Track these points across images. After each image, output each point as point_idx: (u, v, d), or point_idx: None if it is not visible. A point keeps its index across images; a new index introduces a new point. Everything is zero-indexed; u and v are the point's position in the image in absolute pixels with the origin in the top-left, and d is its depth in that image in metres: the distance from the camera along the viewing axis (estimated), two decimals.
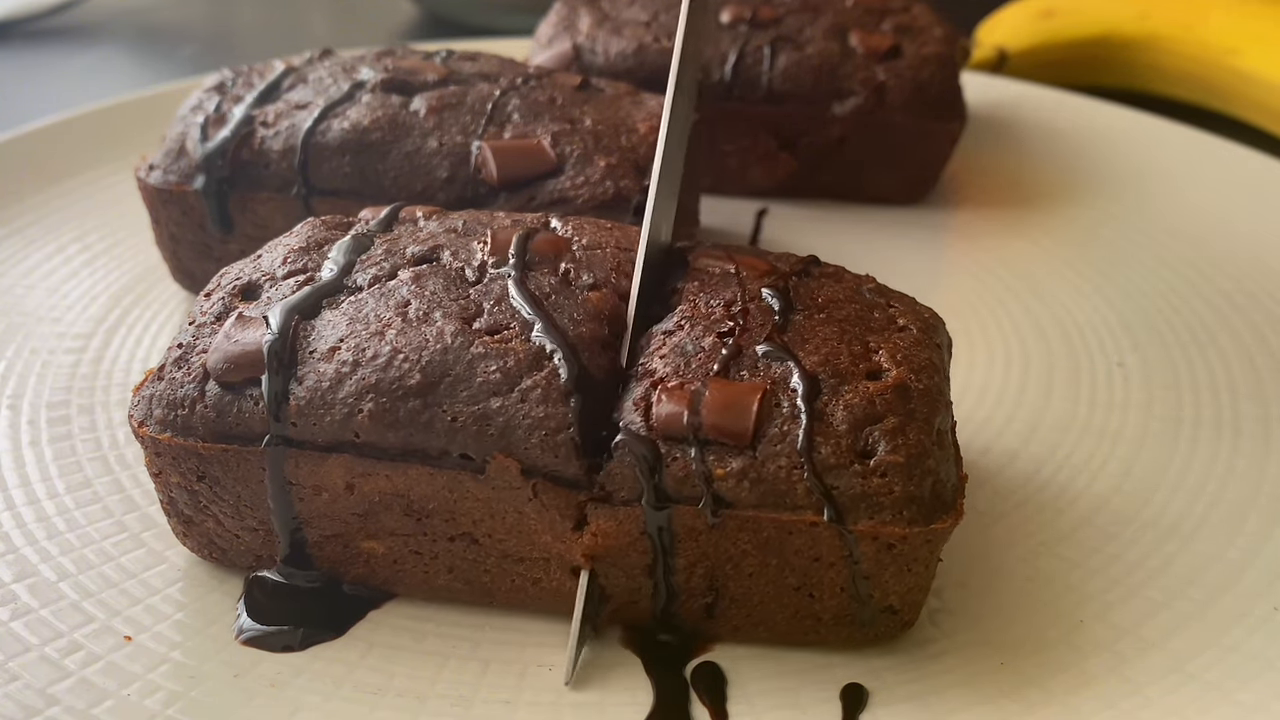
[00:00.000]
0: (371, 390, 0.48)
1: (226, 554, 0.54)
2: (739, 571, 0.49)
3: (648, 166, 0.71)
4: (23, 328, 0.74)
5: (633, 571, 0.50)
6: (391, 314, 0.51)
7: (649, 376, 0.49)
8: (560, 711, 0.48)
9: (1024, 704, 0.48)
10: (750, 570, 0.49)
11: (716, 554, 0.48)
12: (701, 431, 0.47)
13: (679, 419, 0.47)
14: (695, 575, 0.49)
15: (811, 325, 0.52)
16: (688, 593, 0.50)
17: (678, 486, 0.47)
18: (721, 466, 0.47)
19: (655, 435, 0.47)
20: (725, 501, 0.47)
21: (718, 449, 0.47)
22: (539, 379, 0.48)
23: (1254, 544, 0.57)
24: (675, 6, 0.94)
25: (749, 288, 0.54)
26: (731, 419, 0.47)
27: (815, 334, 0.51)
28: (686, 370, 0.49)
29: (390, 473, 0.49)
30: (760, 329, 0.51)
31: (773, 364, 0.49)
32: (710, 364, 0.49)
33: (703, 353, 0.50)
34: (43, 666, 0.49)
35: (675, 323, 0.52)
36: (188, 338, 0.53)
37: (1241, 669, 0.49)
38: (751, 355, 0.50)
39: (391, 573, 0.53)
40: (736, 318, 0.51)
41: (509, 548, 0.51)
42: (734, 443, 0.47)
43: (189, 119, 0.74)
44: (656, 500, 0.47)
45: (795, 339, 0.51)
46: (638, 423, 0.48)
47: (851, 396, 0.48)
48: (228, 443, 0.50)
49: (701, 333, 0.51)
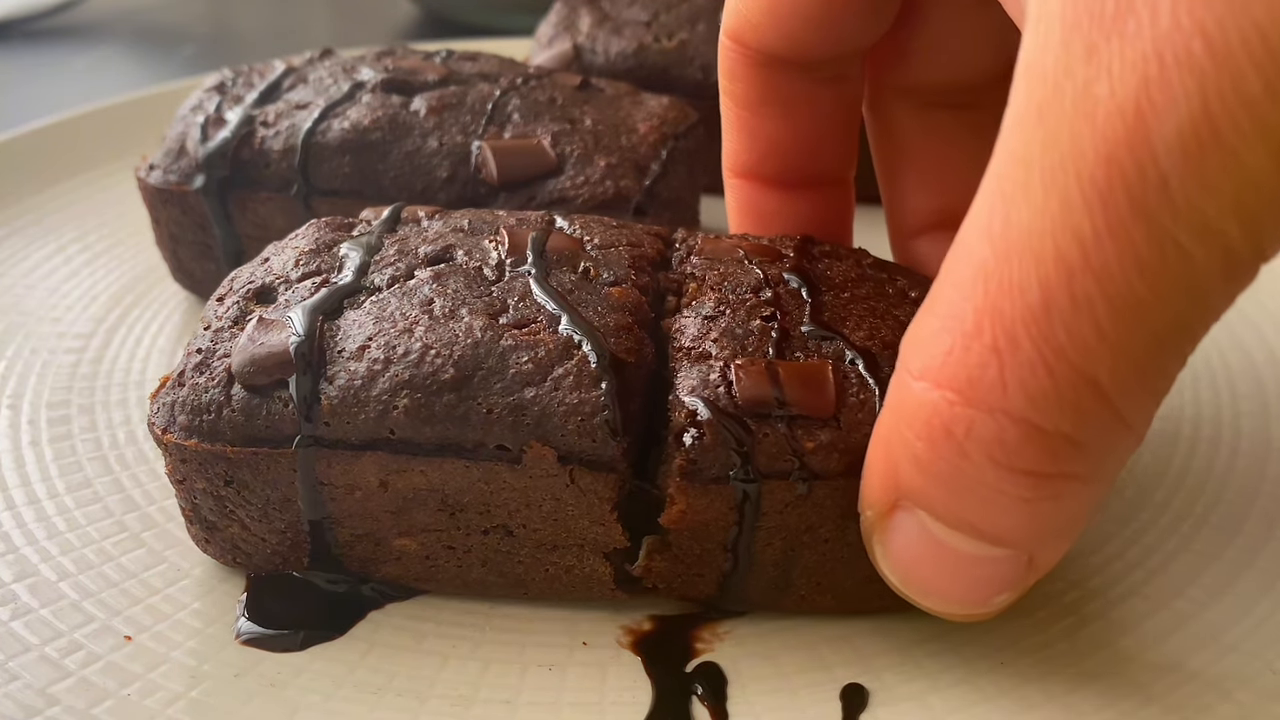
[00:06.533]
0: (406, 386, 0.49)
1: (251, 558, 0.54)
2: (814, 539, 0.49)
3: (648, 166, 0.71)
4: (23, 328, 0.74)
5: (710, 546, 0.50)
6: (417, 312, 0.51)
7: (707, 359, 0.50)
8: (560, 711, 0.48)
9: (1024, 703, 0.48)
10: (826, 537, 0.49)
11: (796, 524, 0.49)
12: (787, 406, 0.48)
13: (765, 395, 0.48)
14: (772, 547, 0.50)
15: (840, 304, 0.53)
16: (761, 565, 0.50)
17: (770, 462, 0.47)
18: (810, 439, 0.47)
19: (741, 412, 0.48)
20: (814, 473, 0.47)
21: (803, 423, 0.48)
22: (570, 367, 0.48)
23: (1254, 544, 0.57)
24: (675, 6, 0.94)
25: (769, 272, 0.54)
26: (814, 393, 0.48)
27: (848, 312, 0.53)
28: (743, 352, 0.50)
29: (425, 468, 0.49)
30: (798, 310, 0.52)
31: (822, 343, 0.51)
32: (765, 345, 0.50)
33: (753, 335, 0.51)
34: (43, 666, 0.49)
35: (712, 308, 0.52)
36: (205, 343, 0.53)
37: (1241, 669, 0.49)
38: (799, 336, 0.51)
39: (424, 569, 0.53)
40: (772, 302, 0.52)
41: (544, 537, 0.51)
42: (817, 415, 0.48)
43: (189, 119, 0.74)
44: (748, 476, 0.47)
45: (834, 318, 0.52)
46: (723, 400, 0.48)
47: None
48: (257, 446, 0.50)
49: (745, 316, 0.52)
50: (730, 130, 0.59)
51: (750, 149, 0.59)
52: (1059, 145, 0.33)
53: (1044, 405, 0.36)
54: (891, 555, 0.44)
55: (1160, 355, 0.35)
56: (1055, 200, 0.34)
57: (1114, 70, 0.32)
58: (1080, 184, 0.33)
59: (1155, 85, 0.31)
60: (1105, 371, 0.35)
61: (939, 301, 0.39)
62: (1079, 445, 0.37)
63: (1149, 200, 0.32)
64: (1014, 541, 0.41)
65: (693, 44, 0.90)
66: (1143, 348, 0.35)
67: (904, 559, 0.43)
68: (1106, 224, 0.33)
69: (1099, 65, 0.32)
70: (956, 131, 0.59)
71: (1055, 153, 0.34)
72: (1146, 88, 0.31)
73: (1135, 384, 0.36)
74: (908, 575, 0.44)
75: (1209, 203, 0.32)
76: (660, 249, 0.58)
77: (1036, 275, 0.34)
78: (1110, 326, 0.34)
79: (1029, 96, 0.35)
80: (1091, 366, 0.35)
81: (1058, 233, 0.34)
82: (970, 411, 0.37)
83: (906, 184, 0.61)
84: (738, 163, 0.60)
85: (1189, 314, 0.34)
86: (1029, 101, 0.35)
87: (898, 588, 0.45)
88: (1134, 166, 0.32)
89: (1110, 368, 0.35)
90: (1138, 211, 0.32)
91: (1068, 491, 0.38)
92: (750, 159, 0.59)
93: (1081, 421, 0.36)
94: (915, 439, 0.39)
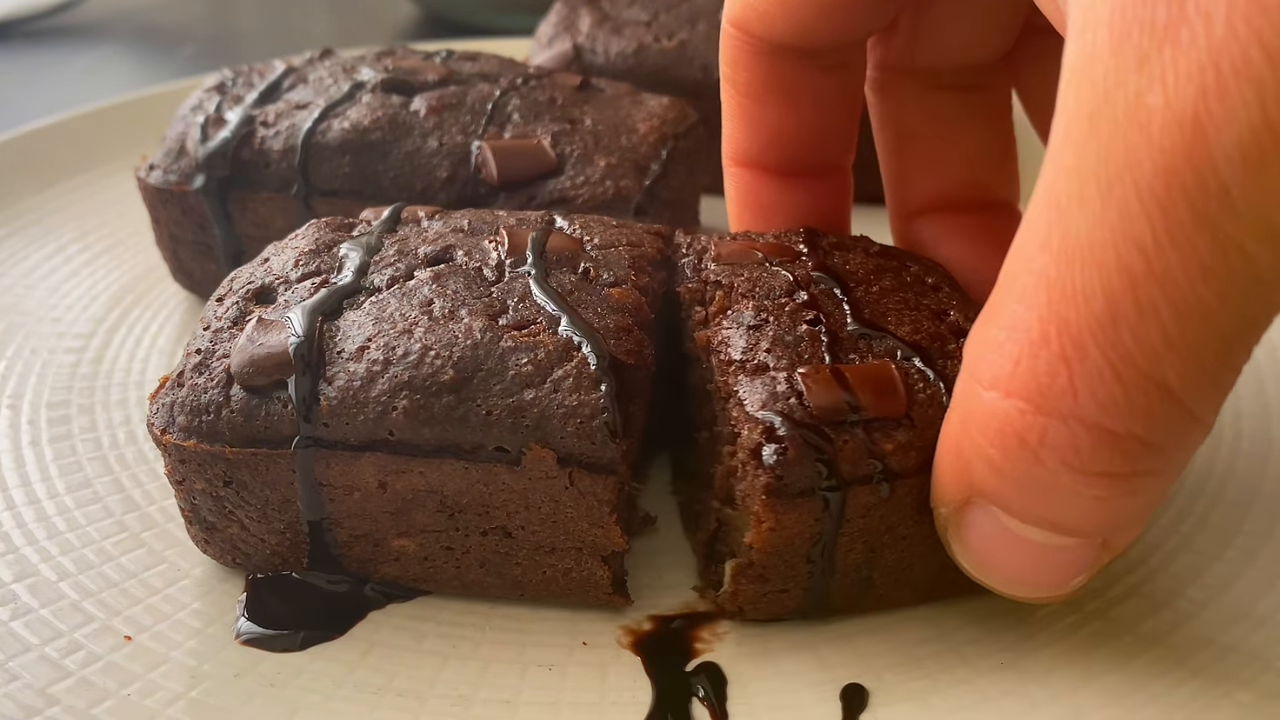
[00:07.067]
0: (405, 387, 0.49)
1: (250, 559, 0.54)
2: (894, 538, 0.49)
3: (648, 166, 0.71)
4: (23, 328, 0.74)
5: (793, 560, 0.49)
6: (417, 313, 0.51)
7: (765, 370, 0.49)
8: (560, 711, 0.48)
9: (1026, 703, 0.48)
10: (904, 534, 0.49)
11: (877, 525, 0.49)
12: (861, 410, 0.47)
13: (839, 402, 0.47)
14: (855, 551, 0.49)
15: (872, 299, 0.53)
16: (844, 570, 0.50)
17: (853, 468, 0.47)
18: (889, 441, 0.47)
19: (818, 422, 0.47)
20: (894, 473, 0.47)
21: (879, 425, 0.47)
22: (570, 369, 0.48)
23: (1253, 544, 0.57)
24: (675, 6, 0.94)
25: (796, 273, 0.54)
26: (885, 394, 0.48)
27: (884, 306, 0.53)
28: (800, 361, 0.49)
29: (424, 469, 0.49)
30: (838, 310, 0.52)
31: (873, 342, 0.51)
32: (819, 351, 0.50)
33: (804, 341, 0.50)
34: (43, 666, 0.49)
35: (753, 317, 0.52)
36: (205, 343, 0.53)
37: (1241, 669, 0.49)
38: (848, 337, 0.51)
39: (422, 570, 0.53)
40: (810, 304, 0.52)
41: (543, 539, 0.51)
42: (891, 416, 0.47)
43: (189, 119, 0.74)
44: (834, 485, 0.47)
45: (874, 314, 0.52)
46: (798, 412, 0.47)
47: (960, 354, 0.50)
48: (256, 447, 0.50)
49: (789, 322, 0.51)
50: (733, 119, 0.59)
51: (753, 138, 0.59)
52: (1114, 157, 0.34)
53: (1115, 410, 0.37)
54: (969, 549, 0.45)
55: (1227, 353, 0.36)
56: (1113, 211, 0.34)
57: (1168, 80, 0.32)
58: (1139, 194, 0.33)
59: (1213, 95, 0.31)
60: (1174, 374, 0.36)
61: (1001, 311, 0.39)
62: (1151, 445, 0.38)
63: (1210, 208, 0.32)
64: (1089, 533, 0.42)
65: (693, 44, 0.90)
66: (1210, 349, 0.35)
67: (980, 551, 0.45)
68: (1168, 232, 0.33)
69: (1151, 75, 0.33)
70: (960, 113, 0.59)
71: (1111, 165, 0.34)
72: (1204, 98, 0.32)
73: (1204, 382, 0.36)
74: (985, 566, 0.45)
75: (1273, 207, 0.32)
76: (660, 248, 0.58)
77: (1100, 284, 0.35)
78: (1177, 331, 0.35)
79: (1079, 106, 0.35)
80: (1160, 370, 0.36)
81: (1119, 242, 0.34)
82: (1043, 419, 0.38)
83: (909, 166, 0.61)
84: (739, 151, 0.60)
85: (1254, 312, 0.35)
86: (1079, 111, 0.35)
87: (976, 577, 0.46)
88: (1194, 176, 0.32)
89: (1179, 370, 0.35)
90: (1199, 219, 0.33)
91: (1142, 487, 0.39)
92: (753, 148, 0.59)
93: (1153, 423, 0.37)
94: (988, 446, 0.40)
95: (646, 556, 0.56)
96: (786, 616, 0.52)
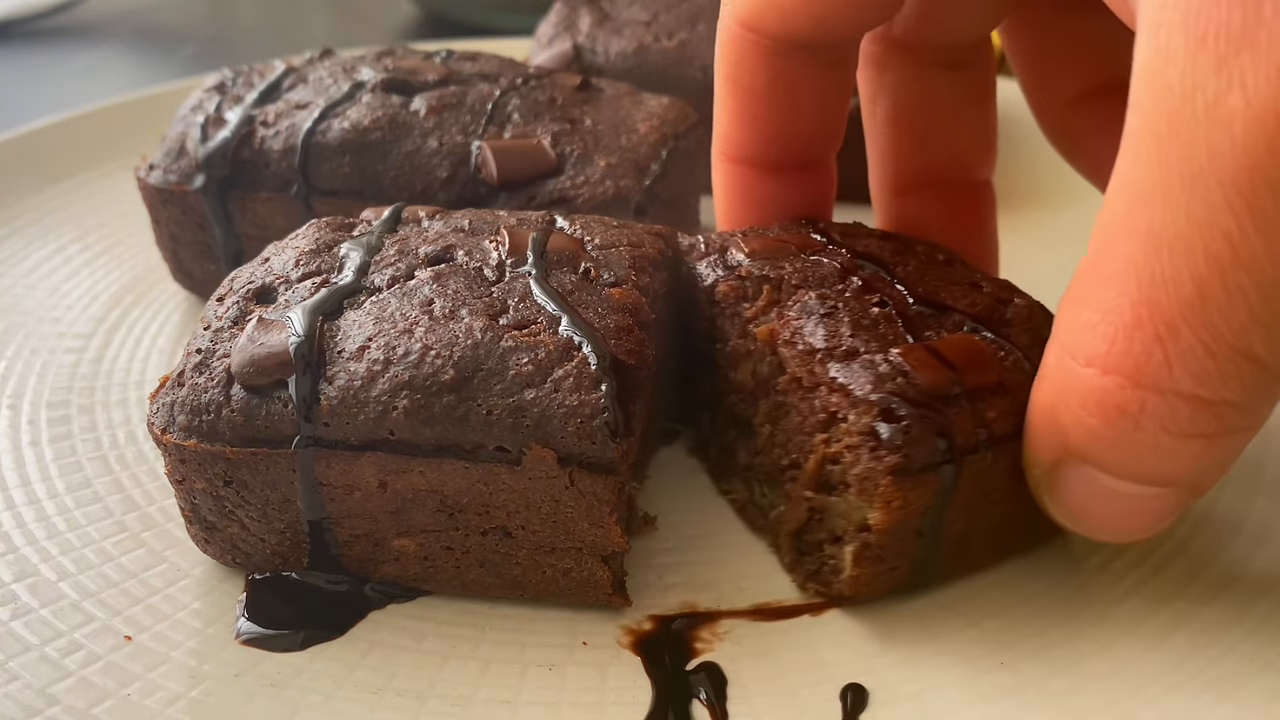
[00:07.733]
0: (405, 387, 0.49)
1: (250, 558, 0.54)
2: (989, 502, 0.50)
3: (648, 166, 0.71)
4: (23, 328, 0.74)
5: (907, 536, 0.50)
6: (417, 312, 0.51)
7: (856, 355, 0.50)
8: (560, 711, 0.48)
9: (1024, 704, 0.48)
10: (998, 499, 0.50)
11: (977, 492, 0.50)
12: (964, 383, 0.49)
13: (945, 377, 0.49)
14: (959, 519, 0.50)
15: (915, 279, 0.55)
16: (949, 539, 0.51)
17: (966, 439, 0.48)
18: (991, 409, 0.49)
19: (930, 398, 0.48)
20: (997, 439, 0.49)
21: (979, 394, 0.49)
22: (570, 369, 0.48)
23: (1253, 544, 0.57)
24: (675, 6, 0.94)
25: (837, 261, 0.55)
26: (979, 366, 0.50)
27: (930, 284, 0.54)
28: (886, 342, 0.50)
29: (424, 469, 0.49)
30: (896, 293, 0.54)
31: (941, 317, 0.52)
32: (899, 330, 0.51)
33: (882, 324, 0.51)
34: (43, 666, 0.49)
35: (819, 304, 0.53)
36: (205, 343, 0.53)
37: (1241, 669, 0.49)
38: (917, 315, 0.52)
39: (422, 570, 0.53)
40: (867, 288, 0.53)
41: (543, 539, 0.51)
42: (988, 385, 0.49)
43: (189, 119, 0.74)
44: (952, 457, 0.48)
45: (927, 292, 0.54)
46: (910, 391, 0.48)
47: (1016, 320, 0.53)
48: (256, 446, 0.50)
49: (859, 307, 0.52)
50: (730, 118, 0.59)
51: (754, 136, 0.59)
52: (1195, 155, 0.36)
53: (1209, 381, 0.40)
54: (1065, 504, 0.48)
55: None
56: (1198, 204, 0.37)
57: (1247, 82, 0.35)
58: (1223, 189, 0.36)
59: None
60: (1261, 345, 0.39)
61: (1090, 295, 0.42)
62: (1242, 407, 0.41)
63: None
64: (1181, 482, 0.45)
65: (693, 44, 0.90)
66: None
67: (1078, 507, 0.48)
68: (1254, 223, 0.36)
69: (1229, 77, 0.35)
70: (953, 91, 0.61)
71: (1192, 161, 0.36)
72: None
73: None
74: (1082, 518, 0.48)
75: None
76: (661, 248, 0.58)
77: (1189, 271, 0.38)
78: (1263, 308, 0.38)
79: (1156, 107, 0.37)
80: (1248, 343, 0.39)
81: (1204, 233, 0.37)
82: (1141, 393, 0.41)
83: (901, 142, 0.62)
84: (735, 148, 0.60)
85: None
86: (1157, 112, 0.37)
87: (1072, 529, 0.49)
88: (1277, 169, 0.35)
89: (1266, 340, 0.39)
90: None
91: (1231, 442, 0.43)
92: (753, 146, 0.60)
93: (1243, 388, 0.40)
94: (1088, 416, 0.43)
95: (646, 556, 0.56)
96: (891, 592, 0.53)
